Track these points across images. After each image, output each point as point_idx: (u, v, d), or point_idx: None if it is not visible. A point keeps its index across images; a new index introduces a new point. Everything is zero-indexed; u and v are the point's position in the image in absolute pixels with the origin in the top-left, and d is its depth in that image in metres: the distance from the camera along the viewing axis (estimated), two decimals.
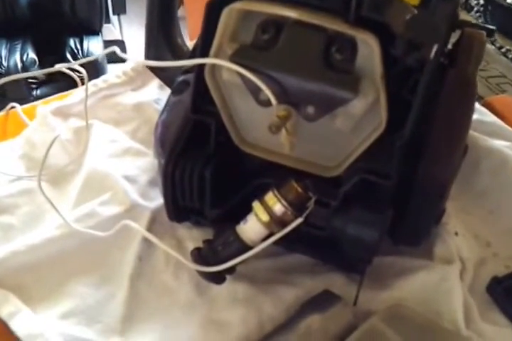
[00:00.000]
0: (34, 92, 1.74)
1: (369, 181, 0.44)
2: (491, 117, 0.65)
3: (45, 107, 0.66)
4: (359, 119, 0.43)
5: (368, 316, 0.45)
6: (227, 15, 0.42)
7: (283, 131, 0.44)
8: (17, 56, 1.88)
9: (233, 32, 0.43)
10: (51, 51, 1.90)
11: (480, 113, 0.65)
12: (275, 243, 0.45)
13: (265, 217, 0.44)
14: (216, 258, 0.45)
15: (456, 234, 0.53)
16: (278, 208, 0.44)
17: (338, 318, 0.45)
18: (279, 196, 0.44)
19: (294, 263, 0.51)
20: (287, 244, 0.49)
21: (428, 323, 0.46)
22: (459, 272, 0.50)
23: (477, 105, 0.65)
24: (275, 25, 0.42)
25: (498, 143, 0.60)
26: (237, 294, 0.49)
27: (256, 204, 0.45)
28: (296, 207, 0.44)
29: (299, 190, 0.44)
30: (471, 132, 0.51)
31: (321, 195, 0.45)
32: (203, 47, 0.44)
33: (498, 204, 0.57)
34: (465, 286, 0.50)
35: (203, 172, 0.48)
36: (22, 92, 1.71)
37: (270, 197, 0.44)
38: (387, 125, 0.42)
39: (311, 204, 0.44)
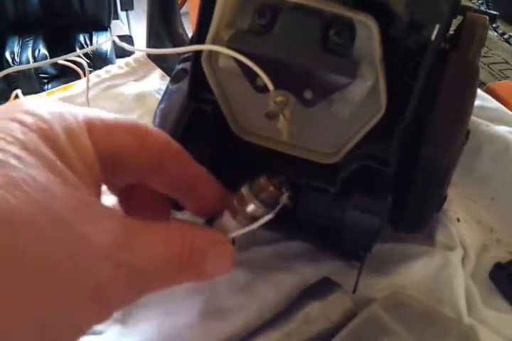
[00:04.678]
0: (46, 87, 1.76)
1: (369, 167, 0.44)
2: (494, 103, 0.64)
3: (48, 98, 0.66)
4: (358, 104, 0.42)
5: (368, 303, 0.45)
6: (223, 0, 0.42)
7: (280, 117, 0.43)
8: (29, 52, 1.91)
9: (230, 17, 0.42)
10: (62, 47, 1.93)
11: (482, 99, 0.64)
12: (275, 229, 0.44)
13: (236, 213, 0.42)
14: None
15: (458, 220, 0.53)
16: (251, 207, 0.40)
17: (338, 305, 0.45)
18: (251, 195, 0.41)
19: (293, 250, 0.51)
20: (287, 230, 0.49)
21: (429, 310, 0.45)
22: (461, 258, 0.50)
23: (479, 91, 0.64)
24: (272, 10, 0.41)
25: (501, 129, 0.59)
26: (236, 281, 0.48)
27: (232, 200, 0.42)
28: (268, 204, 0.41)
29: (271, 188, 0.41)
30: (473, 118, 0.50)
31: (320, 182, 0.45)
32: (200, 34, 0.44)
33: (501, 190, 0.56)
34: (467, 273, 0.49)
35: (201, 161, 0.48)
36: (34, 87, 1.75)
37: (242, 196, 0.41)
38: (386, 110, 0.41)
39: (283, 200, 0.41)
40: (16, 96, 0.69)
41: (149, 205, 0.40)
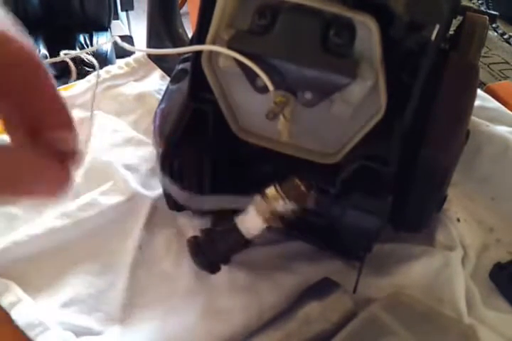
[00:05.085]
0: None
1: (369, 167, 0.44)
2: (494, 103, 0.64)
3: None
4: (358, 104, 0.42)
5: (368, 303, 0.45)
6: (224, 0, 0.41)
7: (281, 117, 0.43)
8: None
9: (230, 18, 0.42)
10: (62, 47, 1.92)
11: (482, 99, 0.64)
12: (275, 230, 0.44)
13: (266, 212, 0.43)
14: (213, 247, 0.45)
15: (458, 220, 0.53)
16: (280, 204, 0.43)
17: (338, 306, 0.45)
18: (281, 192, 0.43)
19: (294, 250, 0.51)
20: (288, 231, 0.49)
21: (429, 310, 0.45)
22: (461, 258, 0.50)
23: (479, 91, 0.64)
24: (272, 10, 0.41)
25: (501, 129, 0.59)
26: (237, 281, 0.48)
27: (257, 198, 0.44)
28: (296, 203, 0.43)
29: (302, 188, 0.43)
30: (473, 118, 0.50)
31: (320, 182, 0.44)
32: (200, 34, 0.44)
33: (501, 190, 0.56)
34: (467, 273, 0.49)
35: (201, 161, 0.48)
36: None
37: (272, 193, 0.44)
38: (386, 110, 0.41)
39: (309, 202, 0.44)
40: None
41: None
